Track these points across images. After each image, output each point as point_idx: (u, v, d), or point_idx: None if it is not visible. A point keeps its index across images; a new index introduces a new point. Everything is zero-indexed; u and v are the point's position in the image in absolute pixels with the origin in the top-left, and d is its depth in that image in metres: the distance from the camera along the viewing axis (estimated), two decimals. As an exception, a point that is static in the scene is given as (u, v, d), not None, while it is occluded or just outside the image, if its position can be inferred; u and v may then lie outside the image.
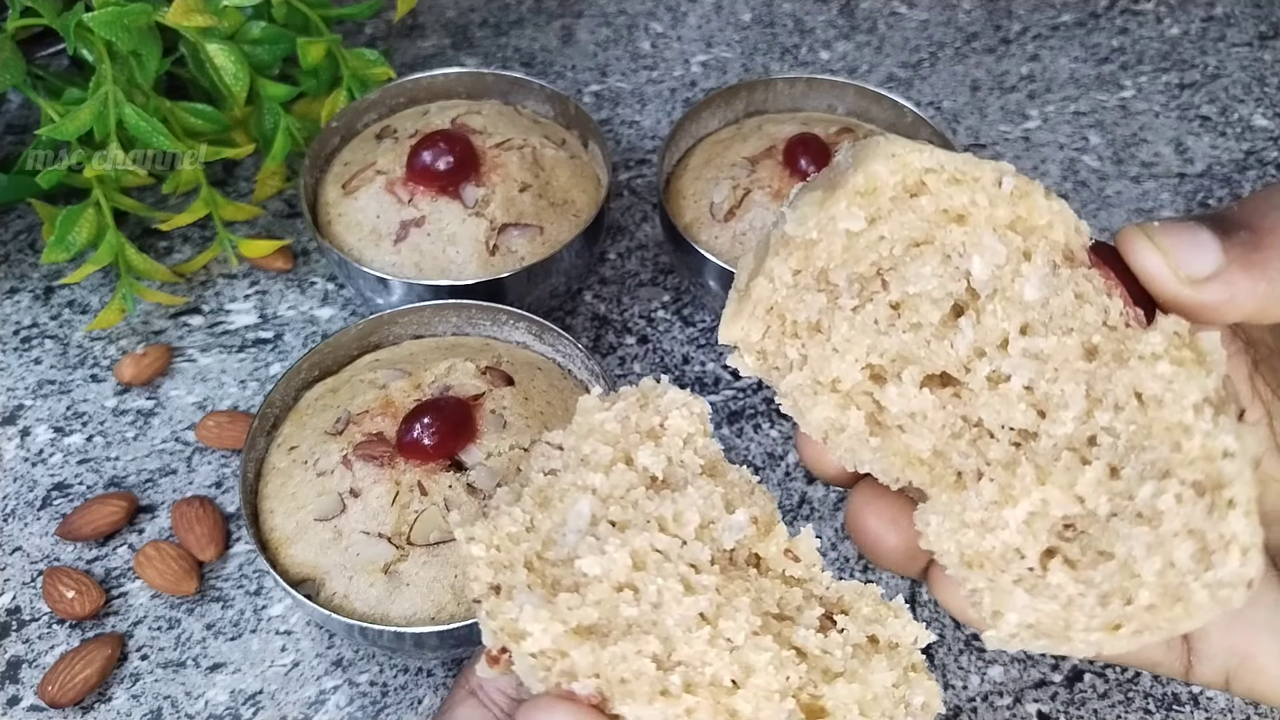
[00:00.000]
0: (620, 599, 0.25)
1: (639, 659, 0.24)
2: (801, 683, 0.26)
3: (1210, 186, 0.67)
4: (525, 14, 0.79)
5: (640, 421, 0.29)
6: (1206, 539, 0.25)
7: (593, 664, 0.24)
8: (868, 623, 0.28)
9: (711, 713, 0.24)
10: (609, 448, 0.28)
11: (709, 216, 0.56)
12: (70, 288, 0.60)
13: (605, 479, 0.27)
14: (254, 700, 0.46)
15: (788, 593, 0.28)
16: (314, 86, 0.63)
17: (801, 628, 0.27)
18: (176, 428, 0.55)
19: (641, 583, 0.25)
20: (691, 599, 0.25)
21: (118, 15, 0.51)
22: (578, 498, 0.27)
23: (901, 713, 0.27)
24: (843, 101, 0.62)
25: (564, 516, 0.26)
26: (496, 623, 0.24)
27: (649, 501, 0.27)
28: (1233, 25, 0.79)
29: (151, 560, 0.48)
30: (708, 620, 0.25)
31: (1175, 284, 0.27)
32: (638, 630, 0.24)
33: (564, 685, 0.24)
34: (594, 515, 0.26)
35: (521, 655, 0.24)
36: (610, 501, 0.27)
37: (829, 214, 0.28)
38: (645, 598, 0.25)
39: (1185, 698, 0.46)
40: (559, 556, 0.26)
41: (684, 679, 0.24)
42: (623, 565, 0.25)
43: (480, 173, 0.55)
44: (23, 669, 0.46)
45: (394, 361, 0.50)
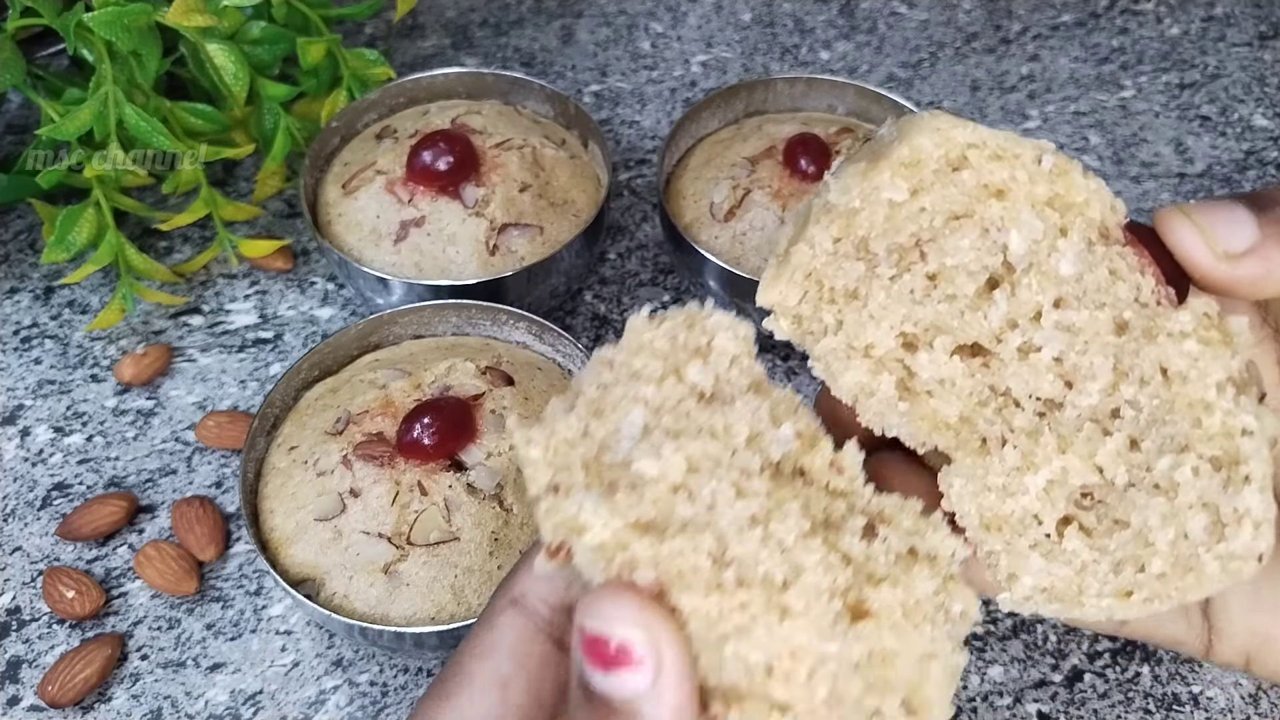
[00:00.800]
0: (675, 500, 0.25)
1: (696, 554, 0.25)
2: (847, 585, 0.27)
3: (1210, 186, 0.67)
4: (525, 14, 0.79)
5: (688, 340, 0.29)
6: (1220, 512, 0.26)
7: (652, 557, 0.24)
8: (908, 535, 0.29)
9: (764, 608, 0.25)
10: (659, 362, 0.28)
11: (709, 216, 0.56)
12: (70, 288, 0.60)
13: (657, 390, 0.28)
14: (254, 700, 0.46)
15: (832, 503, 0.29)
16: (314, 86, 0.63)
17: (847, 535, 0.28)
18: (176, 428, 0.55)
19: (695, 485, 0.26)
20: (743, 502, 0.26)
21: (118, 15, 0.51)
22: (631, 407, 0.27)
23: (941, 619, 0.28)
24: (843, 101, 0.62)
25: (617, 425, 0.27)
26: (555, 519, 0.25)
27: (699, 413, 0.28)
28: (1233, 25, 0.79)
29: (151, 560, 0.48)
30: (759, 522, 0.26)
31: (1211, 259, 0.28)
32: (693, 529, 0.25)
33: (625, 576, 0.24)
34: (646, 425, 0.27)
35: (582, 548, 0.24)
36: (662, 412, 0.28)
37: (872, 184, 0.29)
38: (699, 500, 0.26)
39: (1185, 698, 0.46)
40: (614, 460, 0.26)
41: (737, 576, 0.25)
42: (678, 468, 0.26)
43: (480, 173, 0.55)
44: (23, 669, 0.46)
45: (394, 361, 0.50)
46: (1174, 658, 0.47)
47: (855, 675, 0.26)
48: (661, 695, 0.24)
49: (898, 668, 0.27)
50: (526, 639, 0.30)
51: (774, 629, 0.25)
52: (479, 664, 0.30)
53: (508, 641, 0.30)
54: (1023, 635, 0.48)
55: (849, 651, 0.26)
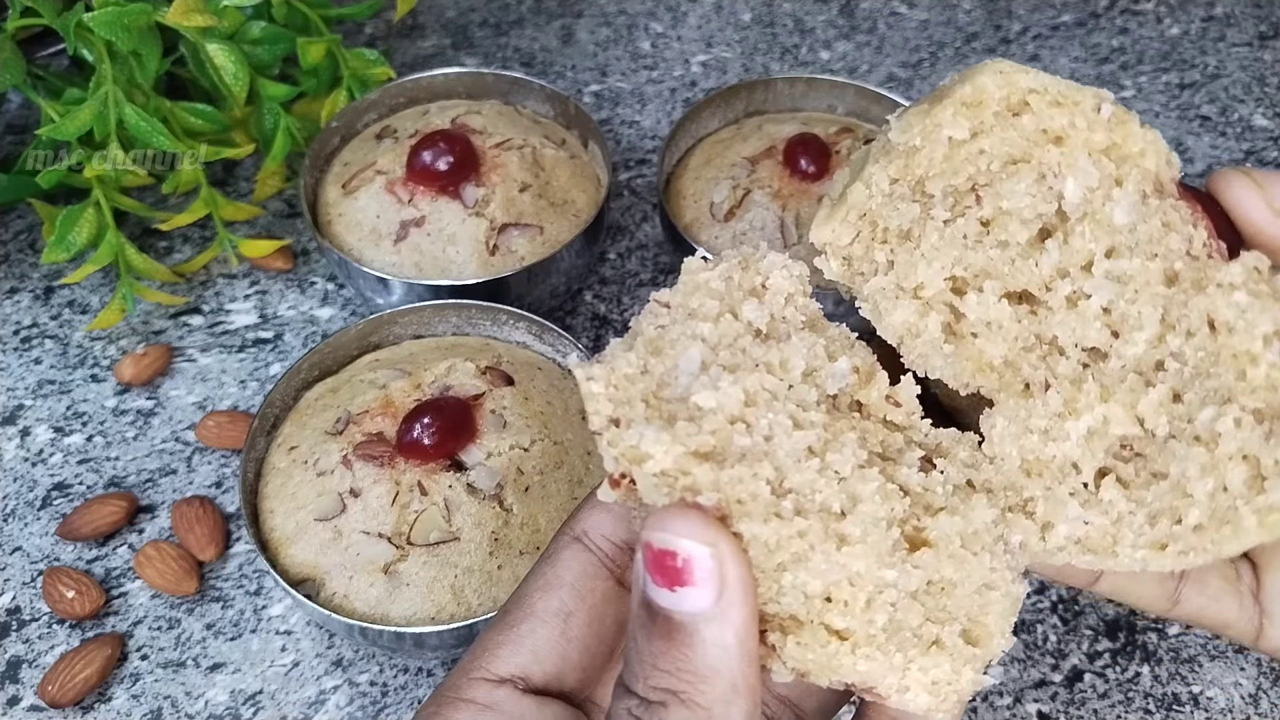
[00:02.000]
0: (733, 431, 0.26)
1: (755, 481, 0.25)
2: (905, 515, 0.27)
3: (1210, 186, 0.67)
4: (525, 14, 0.79)
5: (743, 281, 0.30)
6: (1262, 464, 0.26)
7: (713, 482, 0.25)
8: (965, 467, 0.29)
9: (822, 536, 0.25)
10: (715, 301, 0.29)
11: (709, 216, 0.56)
12: (70, 288, 0.60)
13: (713, 328, 0.28)
14: (254, 700, 0.46)
15: (889, 436, 0.29)
16: (314, 86, 0.63)
17: (904, 467, 0.28)
18: (176, 428, 0.55)
19: (753, 417, 0.26)
20: (800, 433, 0.26)
21: (118, 15, 0.51)
22: (688, 345, 0.27)
23: (1000, 550, 0.28)
24: (843, 101, 0.62)
25: (675, 361, 0.27)
26: (617, 450, 0.25)
27: (756, 349, 0.28)
28: (1233, 25, 0.79)
29: (151, 560, 0.48)
30: (816, 453, 0.26)
31: (1268, 214, 0.28)
32: (751, 458, 0.25)
33: (688, 500, 0.25)
34: (704, 361, 0.27)
35: (645, 476, 0.25)
36: (719, 349, 0.28)
37: (935, 121, 0.30)
38: (757, 430, 0.26)
39: (1185, 698, 0.46)
40: (673, 395, 0.27)
41: (795, 504, 0.25)
42: (735, 400, 0.26)
43: (480, 173, 0.55)
44: (23, 669, 0.46)
45: (394, 361, 0.50)
46: (1174, 657, 0.47)
47: (914, 604, 0.26)
48: (725, 613, 0.24)
49: (956, 597, 0.27)
50: (589, 574, 0.31)
51: (832, 557, 0.25)
52: (542, 596, 0.30)
53: (570, 575, 0.31)
54: (1023, 635, 0.48)
55: (907, 580, 0.26)
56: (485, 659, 0.30)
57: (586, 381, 0.26)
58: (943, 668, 0.26)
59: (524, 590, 0.31)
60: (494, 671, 0.30)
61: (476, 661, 0.30)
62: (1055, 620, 0.48)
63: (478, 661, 0.30)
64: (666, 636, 0.25)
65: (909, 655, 0.26)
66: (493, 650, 0.30)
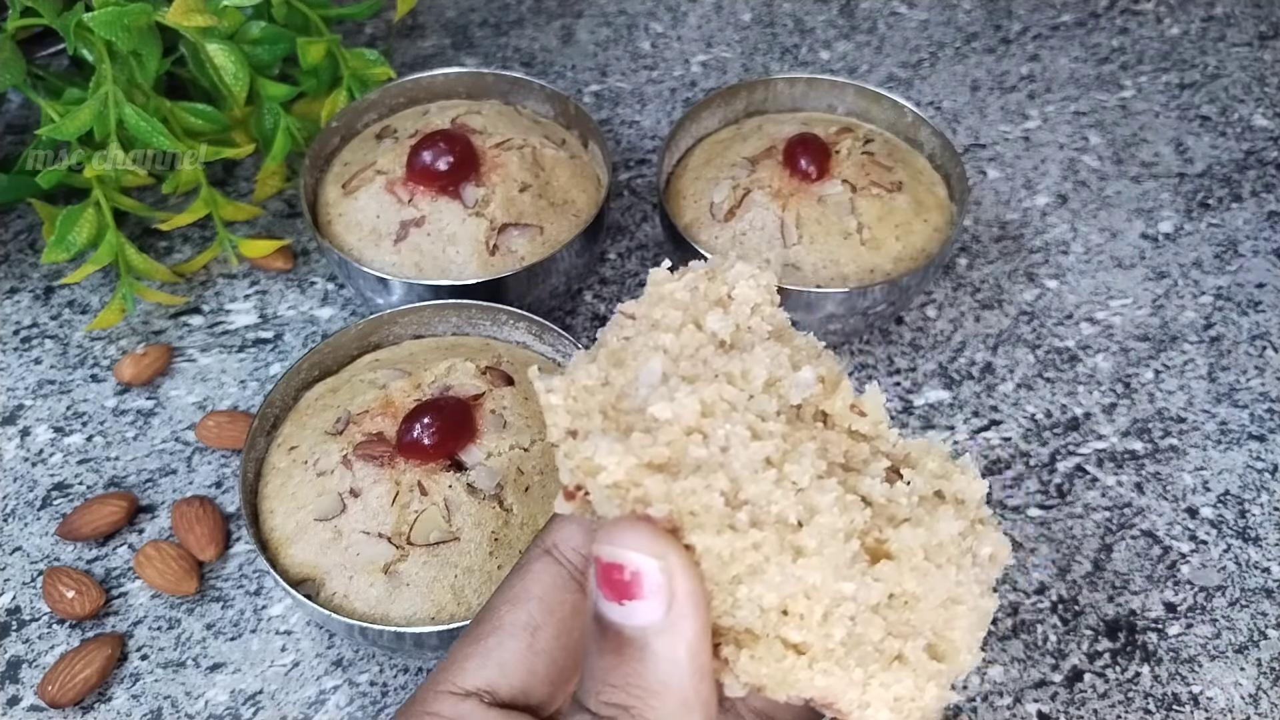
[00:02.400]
0: (689, 442, 0.25)
1: (708, 493, 0.25)
2: (866, 527, 0.26)
3: (1210, 186, 0.67)
4: (525, 14, 0.79)
5: (709, 291, 0.29)
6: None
7: (665, 493, 0.24)
8: (934, 478, 0.28)
9: (777, 548, 0.25)
10: (679, 312, 0.29)
11: (709, 216, 0.56)
12: (70, 288, 0.60)
13: (675, 339, 0.28)
14: (254, 700, 0.46)
15: (854, 447, 0.29)
16: (314, 86, 0.63)
17: (868, 478, 0.28)
18: (176, 428, 0.55)
19: (710, 428, 0.26)
20: (758, 444, 0.26)
21: (118, 15, 0.51)
22: (650, 356, 0.27)
23: (968, 563, 0.27)
24: (843, 101, 0.62)
25: (636, 373, 0.27)
26: (573, 461, 0.25)
27: (718, 359, 0.28)
28: (1233, 25, 0.79)
29: (151, 560, 0.48)
30: (773, 465, 0.26)
31: None
32: (706, 469, 0.25)
33: (639, 511, 0.25)
34: (665, 372, 0.27)
35: (598, 488, 0.25)
36: (680, 359, 0.28)
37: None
38: (713, 441, 0.26)
39: (1185, 698, 0.46)
40: (632, 406, 0.26)
41: (750, 516, 0.25)
42: (692, 411, 0.26)
43: (480, 173, 0.55)
44: (23, 669, 0.46)
45: (394, 361, 0.50)
46: (1174, 658, 0.47)
47: (875, 618, 0.25)
48: (675, 626, 0.24)
49: (921, 611, 0.26)
50: (558, 587, 0.30)
51: (787, 569, 0.24)
52: (510, 610, 0.30)
53: (539, 589, 0.30)
54: (1023, 635, 0.48)
55: (867, 593, 0.25)
56: (452, 672, 0.30)
57: (546, 394, 0.26)
58: (905, 684, 0.26)
59: (493, 603, 0.31)
60: (460, 685, 0.29)
61: (444, 675, 0.30)
62: (1055, 620, 0.48)
63: (445, 675, 0.30)
64: (617, 651, 0.24)
65: (869, 670, 0.25)
66: (460, 663, 0.30)
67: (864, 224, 0.54)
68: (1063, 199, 0.66)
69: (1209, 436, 0.55)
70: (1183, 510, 0.52)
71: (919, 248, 0.55)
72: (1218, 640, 0.48)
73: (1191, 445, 0.55)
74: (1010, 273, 0.62)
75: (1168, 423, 0.55)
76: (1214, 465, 0.54)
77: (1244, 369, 0.58)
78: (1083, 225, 0.65)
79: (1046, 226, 0.65)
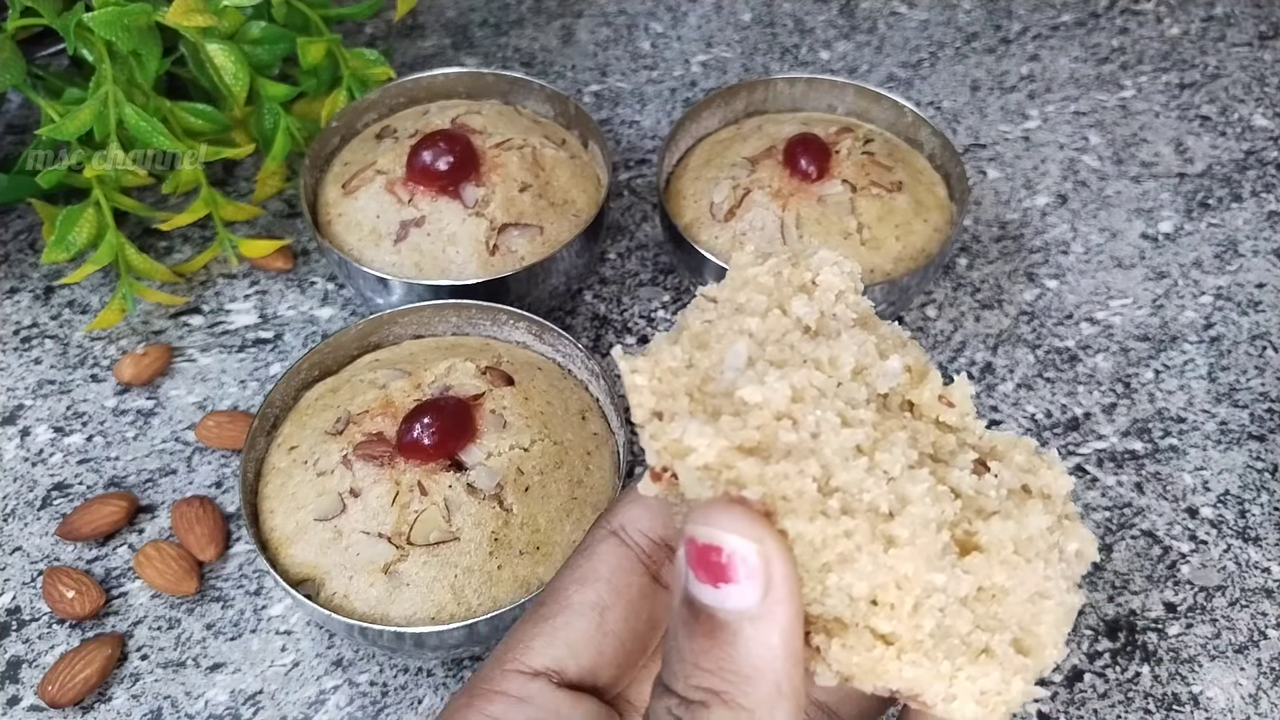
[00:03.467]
0: (779, 427, 0.25)
1: (801, 478, 0.24)
2: (956, 519, 0.26)
3: (1210, 186, 0.67)
4: (525, 14, 0.79)
5: (792, 277, 0.29)
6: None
7: (758, 477, 0.24)
8: (1021, 471, 0.28)
9: (869, 536, 0.24)
10: (764, 297, 0.28)
11: (709, 216, 0.56)
12: (70, 288, 0.60)
13: (761, 323, 0.27)
14: (254, 700, 0.46)
15: (941, 438, 0.28)
16: (314, 86, 0.63)
17: (956, 469, 0.27)
18: (176, 428, 0.55)
19: (800, 413, 0.25)
20: (849, 431, 0.26)
21: (118, 15, 0.51)
22: (735, 339, 0.27)
23: (1055, 558, 0.27)
24: (843, 101, 0.62)
25: (721, 356, 0.26)
26: (660, 443, 0.25)
27: (804, 345, 0.27)
28: (1233, 25, 0.79)
29: (151, 560, 0.48)
30: (864, 452, 0.26)
31: None
32: (797, 455, 0.25)
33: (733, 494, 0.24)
34: (751, 356, 0.27)
35: (688, 469, 0.24)
36: (766, 344, 0.27)
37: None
38: (804, 427, 0.25)
39: (1185, 698, 0.46)
40: (718, 390, 0.26)
41: (842, 503, 0.24)
42: (783, 395, 0.25)
43: (480, 173, 0.55)
44: (23, 669, 0.46)
45: (394, 361, 0.50)
46: (1174, 658, 0.47)
47: (963, 610, 0.25)
48: (770, 612, 0.23)
49: (1008, 605, 0.26)
50: (626, 569, 0.30)
51: (879, 558, 0.24)
52: (578, 589, 0.30)
53: (607, 570, 0.30)
54: (1023, 635, 0.48)
55: (957, 585, 0.25)
56: (519, 651, 0.29)
57: (631, 374, 0.25)
58: (992, 677, 0.25)
59: (559, 583, 0.30)
60: (528, 664, 0.29)
61: (510, 653, 0.29)
62: (1055, 620, 0.48)
63: (512, 653, 0.29)
64: (709, 635, 0.24)
65: (957, 663, 0.25)
66: (527, 642, 0.29)
67: (864, 224, 0.54)
68: (1063, 199, 0.66)
69: (1209, 436, 0.55)
70: (1183, 510, 0.52)
71: (919, 248, 0.55)
72: (1218, 640, 0.48)
73: (1191, 445, 0.55)
74: (1010, 273, 0.62)
75: (1168, 423, 0.55)
76: (1214, 465, 0.54)
77: (1244, 369, 0.58)
78: (1083, 225, 0.65)
79: (1046, 226, 0.65)
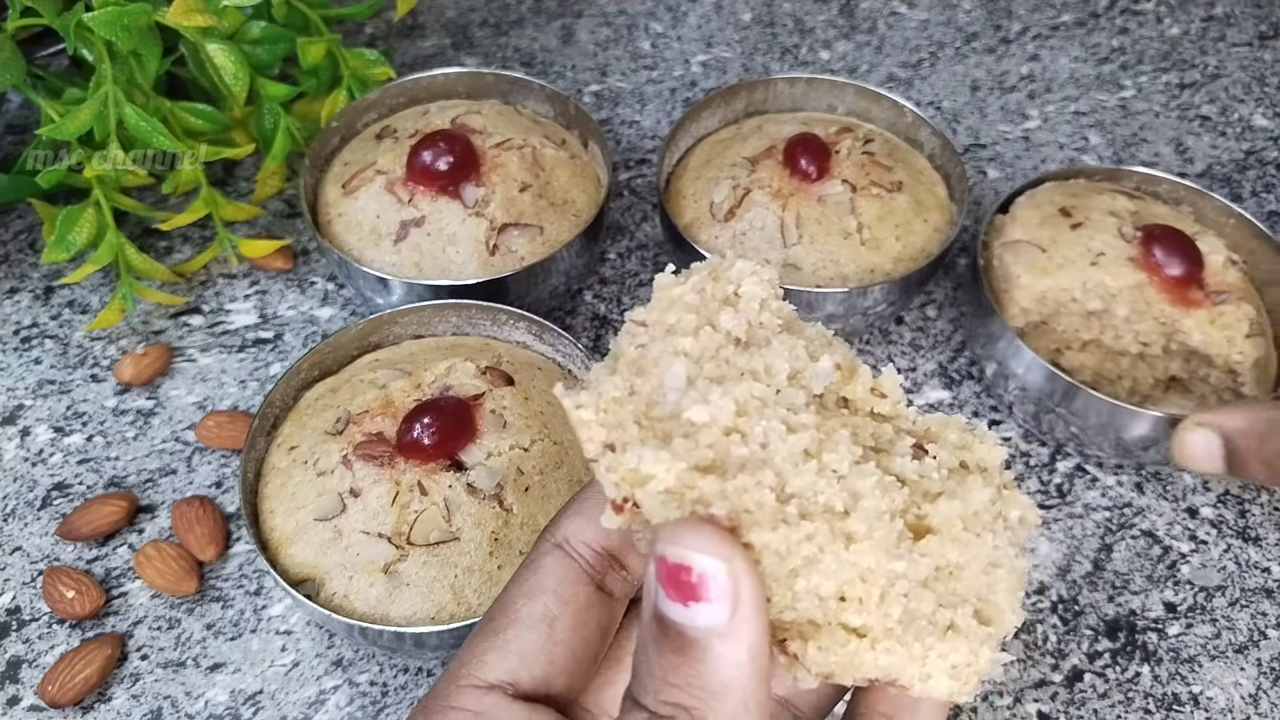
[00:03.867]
0: (729, 442, 0.26)
1: (759, 490, 0.25)
2: (905, 505, 0.27)
3: (1210, 186, 0.67)
4: (525, 14, 0.79)
5: (715, 291, 0.30)
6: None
7: (720, 492, 0.25)
8: (956, 449, 0.29)
9: (830, 537, 0.25)
10: (692, 315, 0.29)
11: (709, 216, 0.56)
12: (70, 288, 0.60)
13: (694, 342, 0.28)
14: (254, 700, 0.46)
15: (878, 428, 0.30)
16: (314, 86, 0.63)
17: (897, 457, 0.28)
18: (176, 428, 0.55)
19: (746, 426, 0.26)
20: (795, 437, 0.26)
21: (118, 15, 0.51)
22: (672, 361, 0.27)
23: (1000, 527, 0.28)
24: (843, 101, 0.62)
25: (661, 380, 0.27)
26: (617, 475, 0.25)
27: (739, 357, 0.28)
28: (1233, 25, 0.79)
29: (151, 560, 0.48)
30: (812, 455, 0.26)
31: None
32: (752, 467, 0.25)
33: (700, 511, 0.25)
34: (689, 375, 0.27)
35: (649, 496, 0.25)
36: (702, 361, 0.28)
37: None
38: (753, 439, 0.26)
39: (1185, 698, 0.46)
40: (664, 413, 0.26)
41: (799, 508, 0.25)
42: (728, 411, 0.26)
43: (480, 173, 0.55)
44: (23, 669, 0.46)
45: (394, 361, 0.50)
46: (1174, 658, 0.47)
47: (925, 592, 0.26)
48: (739, 630, 0.24)
49: (965, 580, 0.27)
50: (571, 580, 0.31)
51: (841, 556, 0.25)
52: (526, 602, 0.30)
53: (553, 581, 0.30)
54: (1023, 635, 0.48)
55: (916, 569, 0.26)
56: (472, 665, 0.30)
57: (576, 410, 0.26)
58: (961, 651, 0.26)
59: (507, 597, 0.31)
60: (482, 678, 0.29)
61: (463, 669, 0.30)
62: (1055, 620, 0.48)
63: (465, 669, 0.30)
64: (678, 651, 0.24)
65: (927, 643, 0.26)
66: (479, 657, 0.30)
67: (864, 224, 0.54)
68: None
69: (1209, 436, 0.55)
70: (1183, 510, 0.52)
71: (919, 248, 0.55)
72: (1218, 640, 0.48)
73: (1191, 445, 0.55)
74: (1010, 273, 0.62)
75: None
76: (1214, 465, 0.54)
77: (1244, 369, 0.58)
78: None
79: (1046, 226, 0.65)
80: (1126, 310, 0.51)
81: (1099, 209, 0.54)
